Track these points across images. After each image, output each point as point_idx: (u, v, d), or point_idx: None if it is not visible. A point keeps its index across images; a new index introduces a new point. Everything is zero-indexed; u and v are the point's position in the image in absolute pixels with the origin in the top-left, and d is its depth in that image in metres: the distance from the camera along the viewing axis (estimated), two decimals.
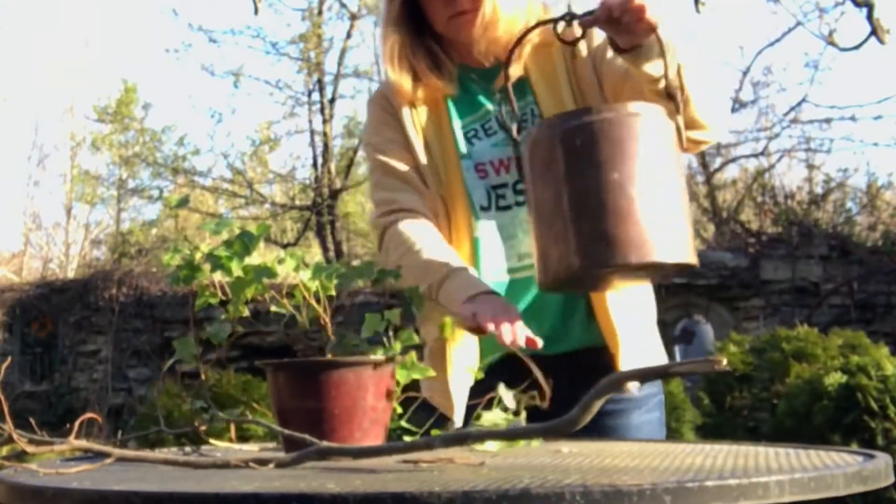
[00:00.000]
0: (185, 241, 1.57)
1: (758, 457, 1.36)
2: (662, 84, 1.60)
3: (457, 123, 1.88)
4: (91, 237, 16.60)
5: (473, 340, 1.81)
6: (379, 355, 1.55)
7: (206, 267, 1.51)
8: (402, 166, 1.87)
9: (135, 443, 1.44)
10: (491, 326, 1.60)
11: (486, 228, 1.85)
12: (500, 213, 1.84)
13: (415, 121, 1.89)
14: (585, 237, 1.45)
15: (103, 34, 28.06)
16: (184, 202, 1.69)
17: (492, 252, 1.84)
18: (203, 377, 1.62)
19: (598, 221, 1.44)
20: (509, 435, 1.30)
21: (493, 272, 1.83)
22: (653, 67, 1.59)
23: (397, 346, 1.56)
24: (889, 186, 9.62)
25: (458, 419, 1.78)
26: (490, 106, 1.88)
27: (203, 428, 1.59)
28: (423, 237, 1.80)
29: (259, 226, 1.53)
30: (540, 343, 1.60)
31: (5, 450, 1.46)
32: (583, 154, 1.46)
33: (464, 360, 1.80)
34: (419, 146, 1.87)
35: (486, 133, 1.88)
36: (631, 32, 1.55)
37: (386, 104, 1.92)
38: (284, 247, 11.25)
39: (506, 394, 1.50)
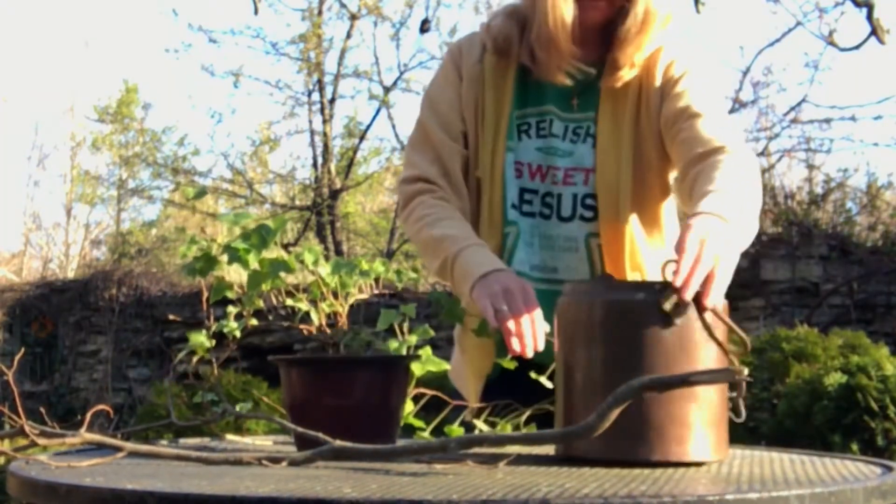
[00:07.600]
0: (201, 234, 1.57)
1: (773, 464, 1.37)
2: None
3: (516, 112, 1.82)
4: (91, 237, 16.58)
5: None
6: (393, 350, 1.55)
7: (223, 259, 1.51)
8: (445, 138, 1.82)
9: (133, 437, 1.44)
10: (511, 325, 1.51)
11: (514, 226, 1.82)
12: (522, 218, 1.82)
13: (479, 89, 1.82)
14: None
15: (103, 34, 28.04)
16: (201, 193, 1.70)
17: (521, 249, 1.82)
18: (215, 370, 1.62)
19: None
20: (525, 439, 1.30)
21: (520, 263, 1.81)
22: None
23: (412, 340, 1.56)
24: (889, 186, 9.58)
25: (474, 403, 1.73)
26: (554, 107, 1.82)
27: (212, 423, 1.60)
28: (444, 214, 1.75)
29: (277, 219, 1.53)
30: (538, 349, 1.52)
31: (7, 443, 1.46)
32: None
33: (482, 344, 1.74)
34: (471, 118, 1.82)
35: (538, 132, 1.83)
36: None
37: (459, 61, 1.86)
38: (285, 247, 11.23)
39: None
